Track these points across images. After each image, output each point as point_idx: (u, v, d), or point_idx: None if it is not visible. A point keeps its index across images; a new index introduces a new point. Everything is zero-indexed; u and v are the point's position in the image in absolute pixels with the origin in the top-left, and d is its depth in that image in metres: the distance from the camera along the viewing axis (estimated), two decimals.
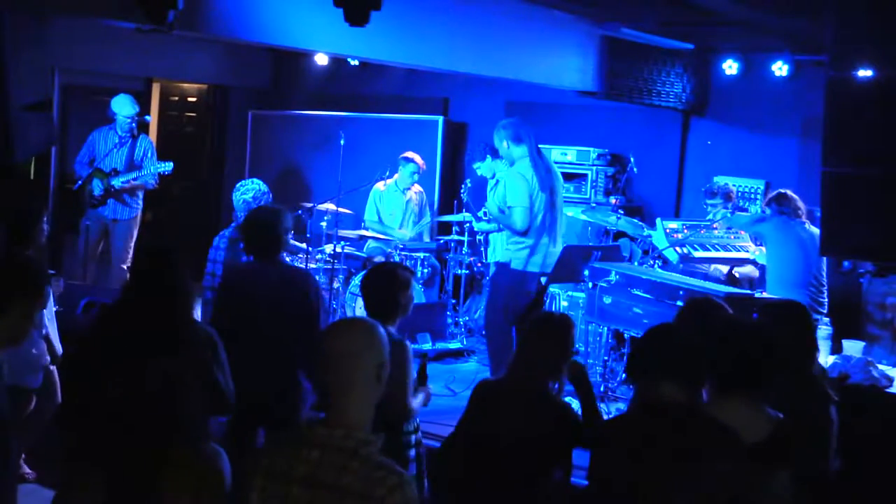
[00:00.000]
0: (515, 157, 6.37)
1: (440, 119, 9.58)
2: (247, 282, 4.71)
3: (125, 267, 7.93)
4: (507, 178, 6.46)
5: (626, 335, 6.27)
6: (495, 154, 7.51)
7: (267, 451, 2.48)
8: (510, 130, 6.36)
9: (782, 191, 6.49)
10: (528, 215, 6.23)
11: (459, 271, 8.24)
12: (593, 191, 8.59)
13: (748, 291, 6.22)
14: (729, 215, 7.03)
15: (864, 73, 4.52)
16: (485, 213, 7.37)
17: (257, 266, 4.71)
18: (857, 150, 4.62)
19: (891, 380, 5.29)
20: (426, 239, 8.74)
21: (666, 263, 7.01)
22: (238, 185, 6.58)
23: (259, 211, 5.13)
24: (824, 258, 6.23)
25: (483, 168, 7.76)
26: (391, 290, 4.02)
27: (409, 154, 8.57)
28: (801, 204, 6.34)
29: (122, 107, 7.86)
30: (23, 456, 4.82)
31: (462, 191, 8.14)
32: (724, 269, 6.90)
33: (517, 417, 3.61)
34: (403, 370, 3.83)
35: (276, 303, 4.55)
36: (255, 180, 6.66)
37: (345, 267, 8.10)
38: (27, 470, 4.92)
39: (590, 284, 6.23)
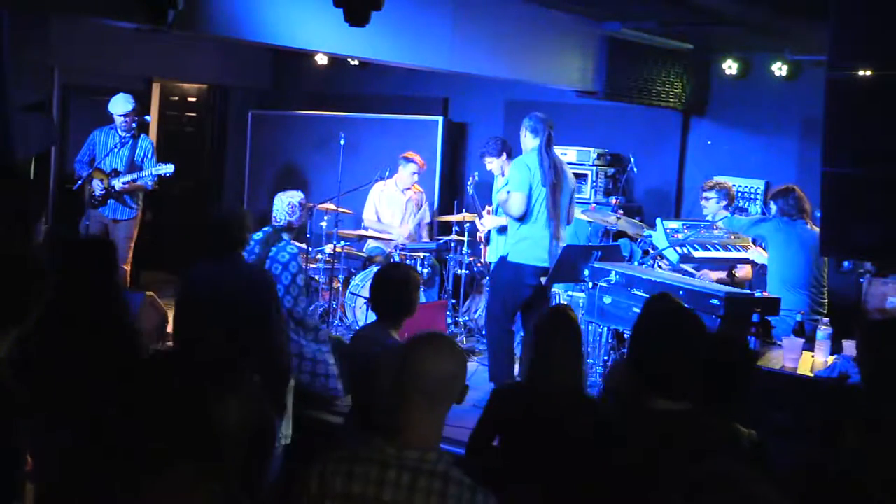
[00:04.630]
0: (528, 148, 6.49)
1: (440, 119, 9.58)
2: (203, 282, 4.65)
3: (125, 267, 7.93)
4: (513, 165, 6.60)
5: (626, 335, 6.26)
6: (509, 154, 7.58)
7: (338, 474, 2.31)
8: (531, 122, 6.48)
9: (790, 187, 6.44)
10: (524, 202, 6.32)
11: (459, 271, 8.24)
12: (593, 191, 8.59)
13: (748, 291, 6.22)
14: (729, 216, 7.02)
15: (864, 73, 4.52)
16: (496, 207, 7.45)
17: (213, 266, 4.67)
18: (857, 150, 4.61)
19: None
20: (426, 239, 8.74)
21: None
22: (280, 193, 6.42)
23: (221, 212, 5.14)
24: (826, 259, 6.22)
25: (495, 164, 7.78)
26: (407, 291, 4.03)
27: (410, 154, 8.57)
28: (807, 205, 6.30)
29: (116, 106, 7.85)
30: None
31: (469, 183, 8.18)
32: (714, 275, 6.85)
33: (557, 422, 3.50)
34: None
35: (229, 302, 4.48)
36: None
37: (345, 267, 8.11)
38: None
39: (590, 284, 6.23)
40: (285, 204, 6.04)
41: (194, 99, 10.77)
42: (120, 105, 7.85)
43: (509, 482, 3.50)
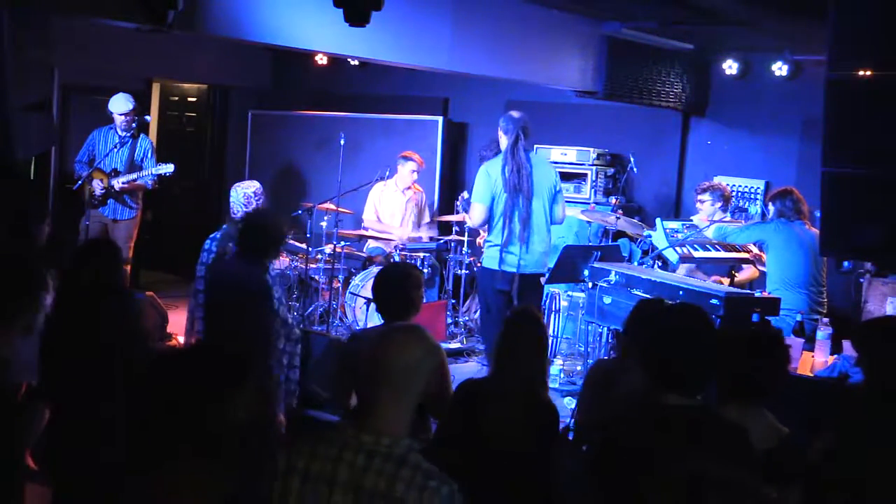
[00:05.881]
0: (503, 149, 6.34)
1: (440, 119, 9.58)
2: (223, 279, 4.75)
3: (125, 267, 7.93)
4: (478, 174, 6.41)
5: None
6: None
7: (302, 453, 2.37)
8: (503, 122, 6.30)
9: (788, 189, 6.43)
10: (484, 213, 6.21)
11: (459, 271, 8.24)
12: (593, 191, 8.59)
13: (748, 291, 6.22)
14: (726, 216, 7.01)
15: (864, 73, 4.52)
16: None
17: (237, 265, 4.73)
18: (857, 150, 4.61)
19: None
20: (425, 239, 8.74)
21: (666, 264, 7.00)
22: (236, 185, 6.60)
23: (261, 212, 5.15)
24: (825, 259, 6.22)
25: None
26: (405, 288, 4.03)
27: (408, 153, 8.59)
28: (805, 206, 6.31)
29: (116, 105, 7.85)
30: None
31: (458, 202, 8.27)
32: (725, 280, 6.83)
33: (503, 417, 3.57)
34: None
35: (236, 303, 4.58)
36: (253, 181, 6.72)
37: (345, 267, 8.11)
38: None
39: (590, 284, 6.23)
40: (241, 196, 6.05)
41: (194, 99, 10.77)
42: (120, 104, 7.85)
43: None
